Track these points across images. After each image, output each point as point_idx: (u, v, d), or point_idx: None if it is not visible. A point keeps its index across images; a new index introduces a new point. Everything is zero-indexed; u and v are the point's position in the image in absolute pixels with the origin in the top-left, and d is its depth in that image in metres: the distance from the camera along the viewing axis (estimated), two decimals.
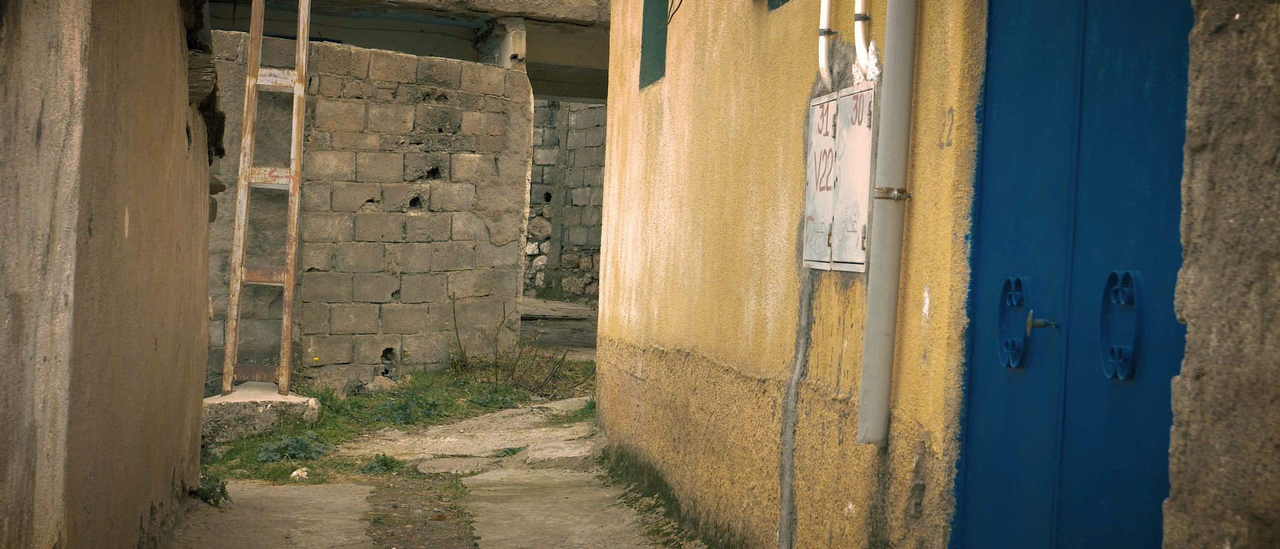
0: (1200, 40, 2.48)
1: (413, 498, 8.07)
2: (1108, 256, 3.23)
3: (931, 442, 4.04)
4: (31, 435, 3.13)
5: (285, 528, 6.88)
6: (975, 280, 3.96)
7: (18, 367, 3.04)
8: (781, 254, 5.58)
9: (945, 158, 4.05)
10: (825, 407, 4.92)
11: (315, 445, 9.95)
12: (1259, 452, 2.24)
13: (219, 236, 11.36)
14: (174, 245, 5.56)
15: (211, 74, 6.01)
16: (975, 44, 3.97)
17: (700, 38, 7.20)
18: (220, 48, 11.58)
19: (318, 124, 12.13)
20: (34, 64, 3.07)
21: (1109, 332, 3.18)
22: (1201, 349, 2.42)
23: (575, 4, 14.03)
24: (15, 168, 3.01)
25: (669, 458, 7.42)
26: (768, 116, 5.89)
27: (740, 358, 6.13)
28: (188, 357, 6.67)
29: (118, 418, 4.26)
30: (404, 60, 12.59)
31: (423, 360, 12.64)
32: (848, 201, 4.76)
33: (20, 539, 3.07)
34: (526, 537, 6.87)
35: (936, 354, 4.04)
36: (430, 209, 12.67)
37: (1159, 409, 2.89)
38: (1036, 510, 3.54)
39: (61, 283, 3.25)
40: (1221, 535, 2.32)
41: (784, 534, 5.29)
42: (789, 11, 5.65)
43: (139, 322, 4.57)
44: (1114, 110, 3.25)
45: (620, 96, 9.77)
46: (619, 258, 9.60)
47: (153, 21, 4.43)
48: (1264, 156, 2.27)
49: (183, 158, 5.70)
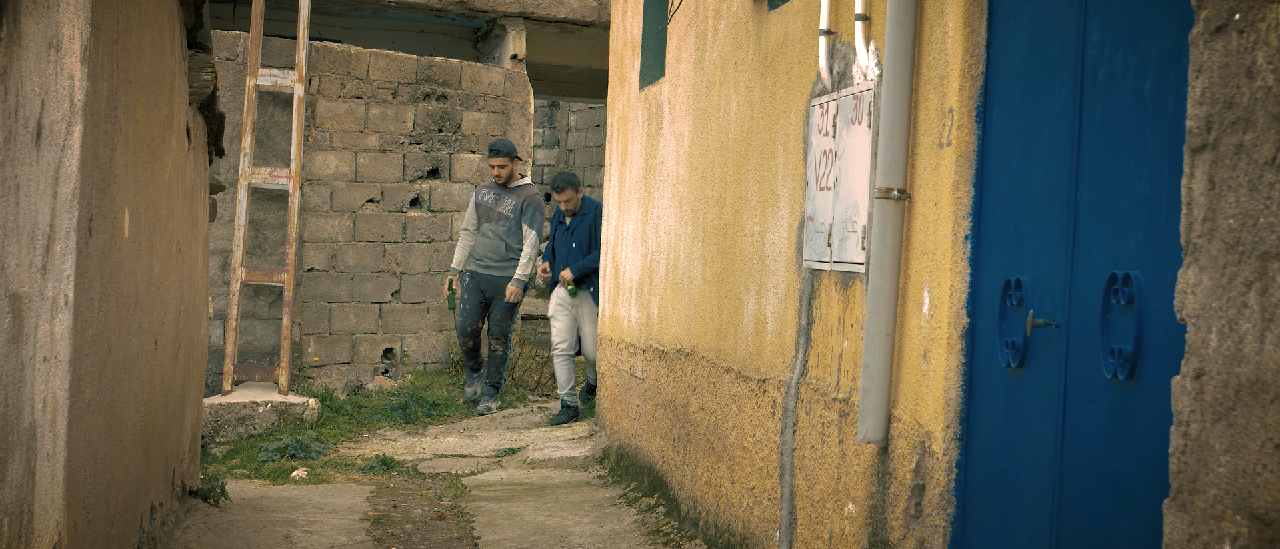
0: (1200, 40, 2.48)
1: (413, 498, 8.07)
2: (1108, 256, 3.23)
3: (931, 442, 4.04)
4: (31, 435, 3.13)
5: (285, 528, 6.88)
6: (975, 280, 3.96)
7: (18, 367, 3.04)
8: (781, 254, 5.58)
9: (945, 158, 4.05)
10: (825, 407, 4.92)
11: (315, 445, 9.95)
12: (1259, 452, 2.24)
13: (219, 236, 11.36)
14: (174, 245, 5.56)
15: (211, 74, 6.01)
16: (975, 44, 3.97)
17: (700, 38, 7.20)
18: (220, 48, 11.58)
19: (318, 124, 12.13)
20: (34, 64, 3.07)
21: (1109, 332, 3.18)
22: (1201, 349, 2.42)
23: (575, 4, 14.03)
24: (15, 168, 3.00)
25: (669, 458, 7.42)
26: (768, 116, 5.89)
27: (740, 358, 6.13)
28: (188, 357, 6.67)
29: (118, 418, 4.26)
30: (404, 60, 12.59)
31: (423, 360, 12.64)
32: (848, 201, 4.76)
33: (20, 539, 3.07)
34: (526, 537, 6.87)
35: (936, 354, 4.04)
36: (430, 209, 12.67)
37: (1159, 409, 2.89)
38: (1036, 510, 3.54)
39: (61, 283, 3.25)
40: (1221, 535, 2.33)
41: (784, 534, 5.29)
42: (789, 11, 5.65)
43: (139, 322, 4.57)
44: (1114, 110, 3.25)
45: (620, 96, 9.77)
46: (619, 258, 9.61)
47: (153, 21, 4.43)
48: (1264, 156, 2.27)
49: (183, 158, 5.70)
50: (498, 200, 11.24)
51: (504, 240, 11.20)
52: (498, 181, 11.25)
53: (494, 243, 11.22)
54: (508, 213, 11.18)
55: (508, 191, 11.26)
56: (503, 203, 11.22)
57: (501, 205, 11.21)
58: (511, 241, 11.21)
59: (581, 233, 10.79)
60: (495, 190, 11.30)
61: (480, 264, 11.25)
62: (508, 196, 11.23)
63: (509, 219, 11.18)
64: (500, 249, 11.22)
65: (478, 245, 11.28)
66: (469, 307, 11.27)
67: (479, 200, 11.33)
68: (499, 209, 11.21)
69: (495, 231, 11.19)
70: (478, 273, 11.27)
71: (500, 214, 11.20)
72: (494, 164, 11.20)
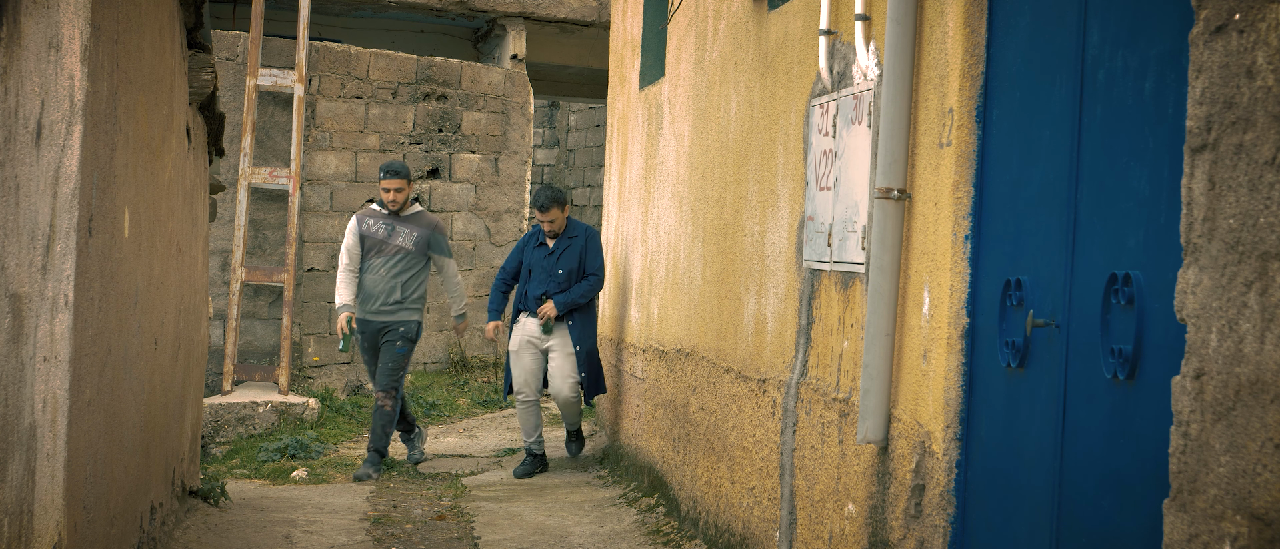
0: (1200, 40, 2.48)
1: (413, 498, 8.08)
2: (1108, 257, 3.23)
3: (931, 442, 4.04)
4: (31, 435, 3.13)
5: (285, 528, 6.88)
6: (975, 280, 3.96)
7: (18, 367, 3.04)
8: (781, 254, 5.58)
9: (945, 158, 4.05)
10: (825, 407, 4.92)
11: (315, 445, 9.96)
12: (1259, 452, 2.24)
13: (219, 236, 11.37)
14: (174, 245, 5.56)
15: (211, 74, 6.01)
16: (975, 44, 3.97)
17: (700, 38, 7.20)
18: (220, 48, 11.58)
19: (318, 124, 12.13)
20: (34, 64, 3.07)
21: (1109, 332, 3.18)
22: (1201, 349, 2.42)
23: (575, 4, 14.03)
24: (15, 168, 3.00)
25: (669, 458, 7.42)
26: (768, 116, 5.89)
27: (740, 358, 6.13)
28: (188, 357, 6.67)
29: (118, 418, 4.26)
30: (404, 60, 12.59)
31: (422, 360, 12.64)
32: (848, 201, 4.76)
33: (20, 539, 3.07)
34: (526, 537, 6.87)
35: (936, 354, 4.04)
36: (430, 209, 12.67)
37: (1159, 409, 2.89)
38: (1036, 510, 3.54)
39: (61, 283, 3.25)
40: (1221, 535, 2.33)
41: (784, 534, 5.29)
42: (789, 11, 5.65)
43: (139, 322, 4.57)
44: (1114, 110, 3.25)
45: (620, 96, 9.77)
46: (619, 258, 9.61)
47: (153, 21, 4.43)
48: (1264, 156, 2.27)
49: (183, 158, 5.70)
50: (391, 232, 9.00)
51: (399, 280, 8.97)
52: (392, 208, 8.98)
53: (386, 283, 8.95)
54: (408, 246, 8.98)
55: (403, 221, 9.04)
56: (399, 234, 8.99)
57: (398, 237, 8.99)
58: (410, 280, 9.02)
59: (569, 258, 8.81)
60: (386, 220, 9.02)
61: (366, 309, 8.98)
62: (404, 227, 9.02)
63: (409, 253, 8.98)
64: (394, 291, 8.97)
65: (362, 287, 9.00)
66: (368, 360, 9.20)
67: (365, 231, 9.01)
68: (394, 241, 8.98)
69: (388, 269, 8.95)
70: (364, 319, 9.01)
71: (397, 247, 8.97)
72: (390, 187, 8.94)
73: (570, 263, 8.78)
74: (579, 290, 8.74)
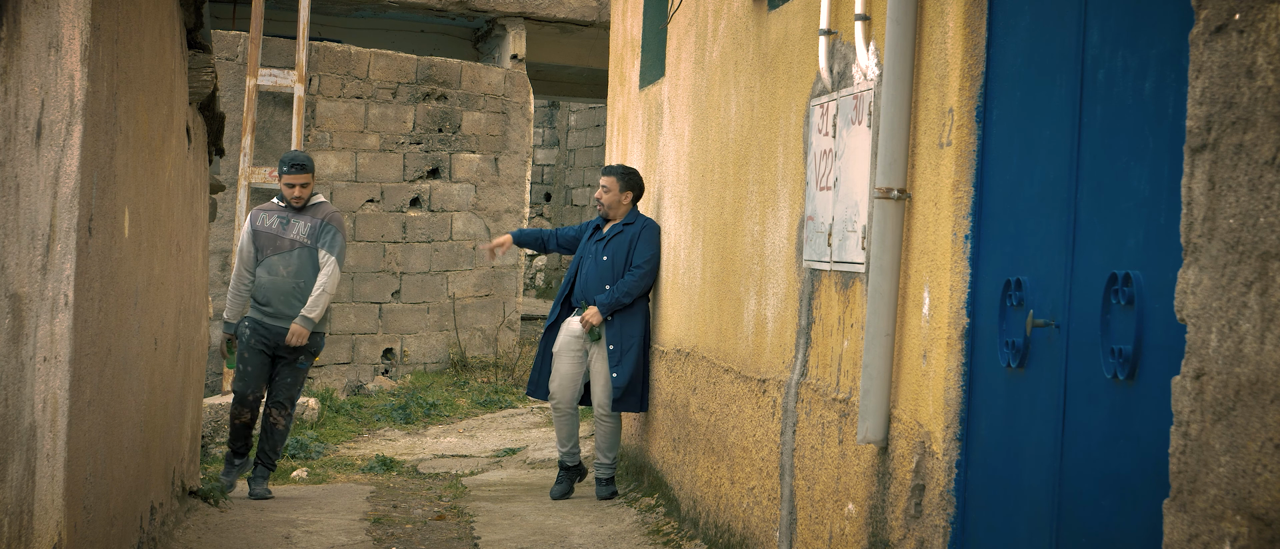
0: (1200, 40, 2.48)
1: (413, 498, 8.07)
2: (1108, 256, 3.23)
3: (931, 442, 4.04)
4: (31, 435, 3.13)
5: (285, 528, 6.88)
6: (975, 280, 3.96)
7: (18, 367, 3.04)
8: (781, 254, 5.58)
9: (945, 158, 4.05)
10: (825, 407, 4.92)
11: (315, 445, 9.96)
12: (1259, 452, 2.24)
13: (219, 236, 11.37)
14: (174, 245, 5.56)
15: (211, 74, 6.01)
16: (975, 44, 3.97)
17: (700, 38, 7.20)
18: (220, 48, 11.58)
19: (318, 124, 12.13)
20: (34, 64, 3.07)
21: (1109, 332, 3.18)
22: (1201, 349, 2.42)
23: (575, 4, 14.03)
24: (15, 168, 3.01)
25: (669, 458, 7.42)
26: (768, 116, 5.89)
27: (740, 358, 6.13)
28: (188, 357, 6.67)
29: (118, 418, 4.26)
30: (404, 60, 12.59)
31: (423, 360, 12.65)
32: (848, 201, 4.76)
33: (20, 539, 3.07)
34: (526, 537, 6.87)
35: (936, 354, 4.04)
36: (430, 209, 12.68)
37: (1159, 409, 2.89)
38: (1036, 510, 3.54)
39: (61, 283, 3.25)
40: (1221, 535, 2.32)
41: (784, 534, 5.29)
42: (789, 11, 5.65)
43: (139, 322, 4.57)
44: (1114, 110, 3.25)
45: (620, 96, 9.77)
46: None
47: (153, 21, 4.43)
48: (1264, 156, 2.27)
49: (183, 158, 5.71)
50: (285, 225, 8.16)
51: (297, 278, 8.12)
52: (295, 204, 8.16)
53: (285, 281, 8.10)
54: (304, 239, 8.14)
55: (300, 214, 8.18)
56: (293, 227, 8.15)
57: (293, 230, 8.15)
58: (310, 277, 8.16)
59: (618, 247, 7.93)
60: (281, 214, 8.20)
61: (266, 311, 8.09)
62: (300, 220, 8.16)
63: (306, 247, 8.14)
64: (295, 288, 8.12)
65: (261, 287, 8.11)
66: (252, 368, 8.12)
67: (258, 227, 8.18)
68: (289, 236, 8.13)
69: (287, 267, 8.10)
70: (262, 322, 8.10)
71: (293, 242, 8.13)
72: (294, 182, 8.09)
73: (617, 252, 7.90)
74: (623, 286, 7.83)
